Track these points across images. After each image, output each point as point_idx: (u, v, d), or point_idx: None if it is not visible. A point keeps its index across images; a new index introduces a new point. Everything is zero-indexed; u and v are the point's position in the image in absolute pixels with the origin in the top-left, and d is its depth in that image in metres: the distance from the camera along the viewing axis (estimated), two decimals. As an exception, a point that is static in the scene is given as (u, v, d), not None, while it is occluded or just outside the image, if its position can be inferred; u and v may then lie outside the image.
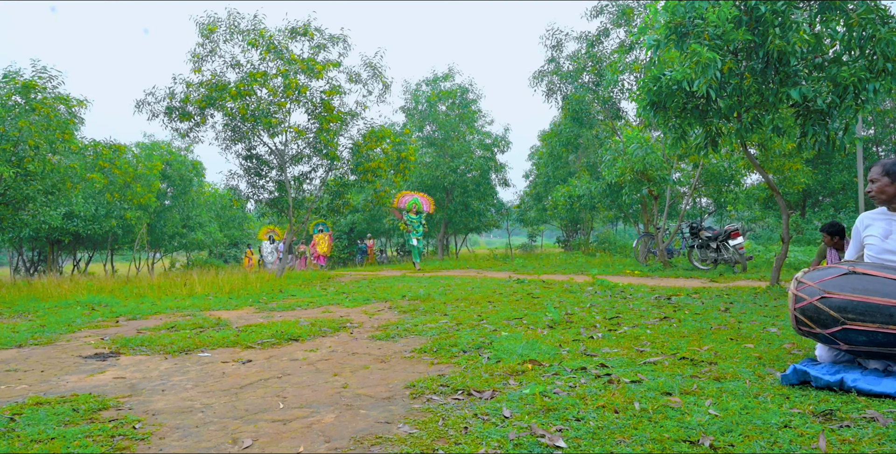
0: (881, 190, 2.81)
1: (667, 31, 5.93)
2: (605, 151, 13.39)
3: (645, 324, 4.51)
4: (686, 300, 6.05)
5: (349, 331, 4.86)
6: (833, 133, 6.01)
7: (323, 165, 13.59)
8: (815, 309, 2.61)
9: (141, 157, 19.30)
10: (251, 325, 5.37)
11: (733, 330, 4.06)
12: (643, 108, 6.52)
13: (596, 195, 14.62)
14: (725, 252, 10.72)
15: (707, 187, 13.12)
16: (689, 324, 4.40)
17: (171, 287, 9.87)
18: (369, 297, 7.61)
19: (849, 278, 2.59)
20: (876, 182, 2.83)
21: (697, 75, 5.48)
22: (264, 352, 4.11)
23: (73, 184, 12.29)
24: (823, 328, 2.60)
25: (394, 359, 3.65)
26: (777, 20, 5.45)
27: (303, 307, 6.98)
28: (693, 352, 3.32)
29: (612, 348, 3.57)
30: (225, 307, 7.19)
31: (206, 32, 11.48)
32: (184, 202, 22.46)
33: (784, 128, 6.85)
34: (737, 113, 6.24)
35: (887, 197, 2.81)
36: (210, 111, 12.04)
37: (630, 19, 14.98)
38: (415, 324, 5.02)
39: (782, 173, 11.19)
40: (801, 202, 20.07)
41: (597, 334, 4.00)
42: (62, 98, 11.69)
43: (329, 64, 12.16)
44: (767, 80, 5.92)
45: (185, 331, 5.08)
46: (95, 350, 4.35)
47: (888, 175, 2.78)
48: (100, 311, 6.99)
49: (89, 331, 5.38)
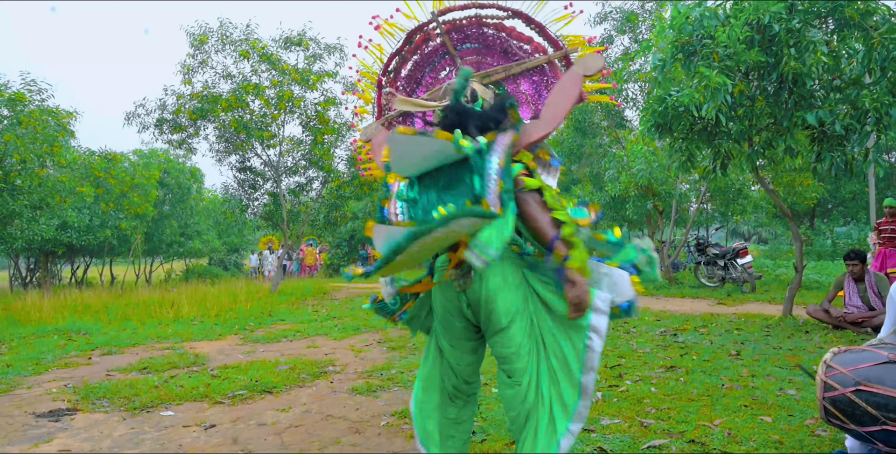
0: None
1: (673, 50, 5.55)
2: (609, 162, 13.00)
3: (649, 376, 4.13)
4: (693, 338, 5.66)
5: (330, 379, 4.50)
6: (850, 157, 5.62)
7: (318, 177, 13.25)
8: (849, 402, 2.24)
9: (138, 165, 18.99)
10: (229, 367, 5.02)
11: (746, 390, 3.68)
12: (648, 129, 6.15)
13: (600, 207, 14.24)
14: (734, 271, 10.32)
15: (714, 200, 12.72)
16: (698, 378, 4.02)
17: (158, 307, 9.54)
18: (359, 326, 7.25)
19: (889, 369, 2.21)
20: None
21: (706, 99, 5.10)
22: (233, 410, 3.75)
23: (62, 198, 11.97)
24: (859, 425, 2.23)
25: (370, 427, 3.28)
26: (792, 40, 5.07)
27: (289, 338, 6.63)
28: (703, 429, 2.94)
29: (612, 418, 3.20)
30: (208, 337, 6.86)
31: (197, 43, 11.15)
32: (182, 210, 22.15)
33: (798, 149, 6.46)
34: (748, 137, 5.85)
35: None
36: (202, 123, 11.72)
37: (635, 26, 14.59)
38: (401, 370, 4.66)
39: (793, 188, 10.78)
40: (810, 212, 19.61)
41: (597, 395, 3.63)
42: (51, 110, 11.38)
43: (324, 74, 11.81)
44: (781, 103, 5.53)
45: (155, 376, 4.73)
46: (53, 404, 4.00)
47: None
48: (76, 342, 6.66)
49: (56, 373, 5.04)
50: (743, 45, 5.07)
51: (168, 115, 11.54)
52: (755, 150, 5.91)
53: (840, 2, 5.13)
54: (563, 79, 2.21)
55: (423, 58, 2.49)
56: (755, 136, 5.98)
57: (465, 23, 2.36)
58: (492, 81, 2.38)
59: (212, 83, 11.53)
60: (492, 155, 1.92)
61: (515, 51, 2.38)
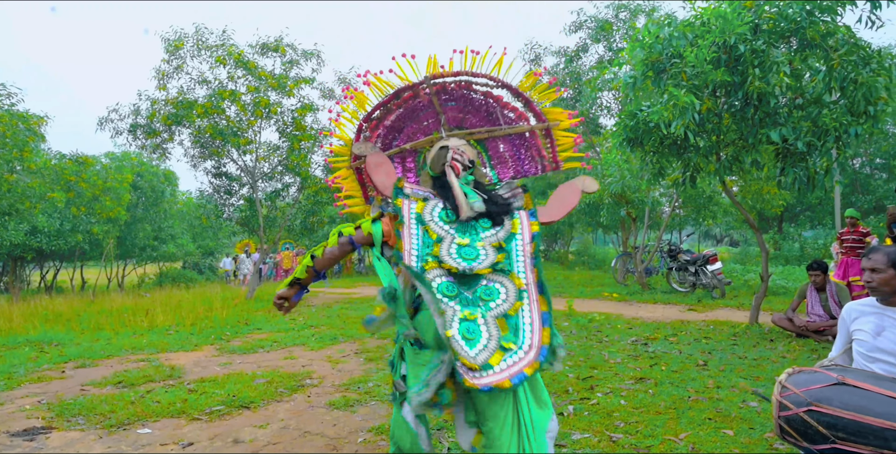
0: (885, 282, 2.55)
1: (643, 68, 5.71)
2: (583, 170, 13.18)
3: (620, 388, 4.26)
4: (663, 347, 5.83)
5: (307, 393, 4.55)
6: (813, 171, 5.84)
7: (295, 183, 13.23)
8: (801, 421, 2.37)
9: (111, 168, 18.71)
10: (205, 380, 5.03)
11: (711, 402, 3.83)
12: (619, 143, 6.31)
13: (574, 213, 14.44)
14: (704, 277, 10.58)
15: (686, 207, 13.00)
16: (666, 390, 4.16)
17: (132, 315, 9.44)
18: (337, 335, 7.29)
19: (838, 390, 2.35)
20: (879, 273, 2.56)
21: (675, 117, 5.26)
22: (210, 427, 3.78)
23: (32, 203, 11.77)
24: (811, 443, 2.36)
25: (347, 444, 3.35)
26: (756, 60, 5.26)
27: (266, 348, 6.64)
28: (669, 444, 3.07)
29: (583, 432, 3.31)
30: (184, 347, 6.83)
31: (172, 49, 11.06)
32: (155, 213, 21.87)
33: (763, 162, 6.68)
34: (715, 152, 6.04)
35: (891, 289, 2.57)
36: (177, 128, 11.62)
37: (609, 35, 14.85)
38: (378, 383, 4.73)
39: (761, 195, 11.08)
40: (779, 217, 20.10)
41: (568, 409, 3.74)
42: (21, 115, 11.19)
43: (301, 81, 11.80)
44: (747, 120, 5.73)
45: (131, 391, 4.73)
46: (27, 422, 3.98)
47: (895, 267, 2.54)
48: (49, 353, 6.59)
49: (29, 388, 4.99)
50: (710, 65, 5.25)
51: (142, 120, 11.42)
52: (723, 164, 6.11)
53: (801, 23, 5.34)
54: (566, 189, 2.51)
55: (406, 110, 2.66)
56: (722, 151, 6.17)
57: (455, 87, 2.57)
58: (475, 139, 2.65)
59: (187, 89, 11.45)
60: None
61: (498, 116, 2.63)
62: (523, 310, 2.16)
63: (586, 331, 6.89)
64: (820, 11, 5.45)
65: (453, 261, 2.18)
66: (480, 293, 2.16)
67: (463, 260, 2.19)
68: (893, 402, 2.24)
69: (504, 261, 2.22)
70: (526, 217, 2.35)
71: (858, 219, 7.57)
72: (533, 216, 2.36)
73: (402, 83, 2.56)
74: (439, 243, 2.24)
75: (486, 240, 2.27)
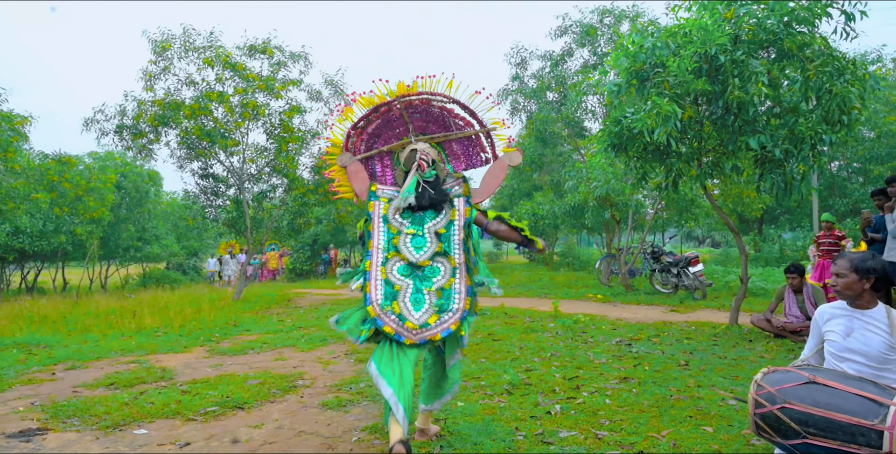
0: (848, 286, 2.73)
1: (628, 76, 5.87)
2: (569, 173, 13.39)
3: (605, 387, 4.41)
4: (646, 348, 6.00)
5: (300, 394, 4.64)
6: (790, 178, 6.05)
7: (282, 185, 13.26)
8: (775, 418, 2.52)
9: (94, 168, 18.56)
10: (198, 381, 5.09)
11: (692, 400, 3.98)
12: (604, 148, 6.47)
13: (559, 215, 14.64)
14: (686, 278, 10.81)
15: (668, 209, 13.24)
16: (649, 389, 4.32)
17: (119, 317, 9.43)
18: (326, 337, 7.37)
19: (809, 388, 2.50)
20: (843, 277, 2.74)
21: (658, 125, 5.43)
22: (206, 427, 3.86)
23: (16, 204, 11.68)
24: (784, 438, 2.51)
25: (342, 443, 3.45)
26: (736, 70, 5.44)
27: (256, 350, 6.70)
28: (652, 441, 3.22)
29: (569, 430, 3.45)
30: (173, 349, 6.87)
31: (160, 50, 11.05)
32: (139, 214, 21.71)
33: (743, 167, 6.88)
34: (697, 158, 6.22)
35: (853, 293, 2.74)
36: (164, 129, 11.61)
37: (594, 39, 15.06)
38: (369, 384, 4.83)
39: (741, 199, 11.35)
40: (758, 220, 20.49)
41: (556, 407, 3.87)
42: (5, 115, 11.11)
43: (289, 83, 11.85)
44: (727, 128, 5.91)
45: (124, 392, 4.78)
46: (22, 423, 4.03)
47: (856, 272, 2.71)
48: (37, 356, 6.59)
49: (20, 390, 5.02)
50: (692, 74, 5.43)
51: (129, 121, 11.39)
52: (704, 169, 6.29)
53: (779, 34, 5.54)
54: (495, 167, 3.36)
55: (383, 121, 3.46)
56: (704, 157, 6.36)
57: (418, 103, 3.36)
58: (436, 141, 3.45)
59: (174, 90, 11.44)
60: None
61: (451, 124, 3.45)
62: (455, 285, 3.08)
63: (572, 333, 7.04)
64: (797, 23, 5.66)
65: (408, 252, 3.11)
66: (426, 272, 3.10)
67: (415, 249, 3.11)
68: (861, 400, 2.40)
69: (444, 247, 3.09)
70: (463, 204, 3.18)
71: (834, 223, 7.82)
72: (468, 202, 3.19)
73: (380, 101, 3.33)
74: (398, 236, 3.14)
75: (431, 228, 3.13)
